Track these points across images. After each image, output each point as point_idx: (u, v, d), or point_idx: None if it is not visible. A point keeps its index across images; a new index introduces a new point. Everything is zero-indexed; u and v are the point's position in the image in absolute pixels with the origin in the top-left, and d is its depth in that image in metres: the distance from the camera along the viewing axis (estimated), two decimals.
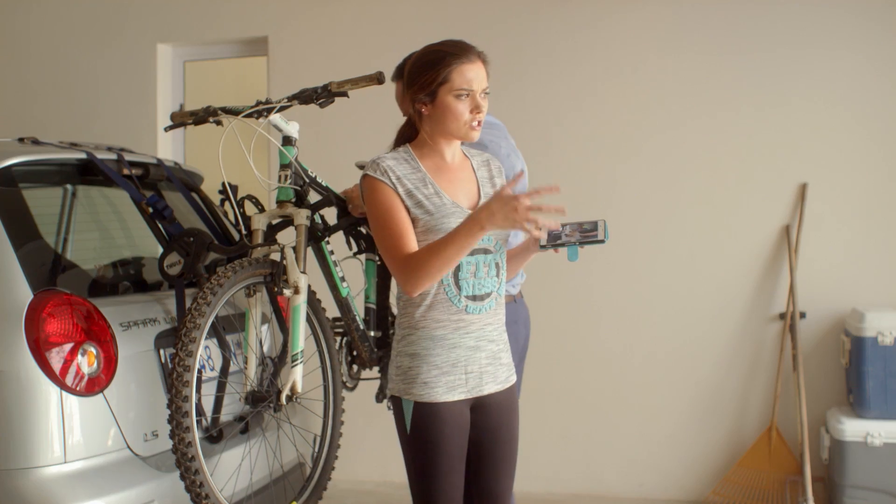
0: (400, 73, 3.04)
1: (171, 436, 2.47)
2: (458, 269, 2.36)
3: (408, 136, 2.50)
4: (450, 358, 2.39)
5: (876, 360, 4.19)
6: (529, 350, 3.20)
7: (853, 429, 4.19)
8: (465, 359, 2.40)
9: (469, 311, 2.39)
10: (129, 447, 2.71)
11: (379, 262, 3.42)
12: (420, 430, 2.39)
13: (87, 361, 2.62)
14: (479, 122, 2.39)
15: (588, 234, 2.32)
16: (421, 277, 2.29)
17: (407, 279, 2.32)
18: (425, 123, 2.43)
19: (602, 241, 2.30)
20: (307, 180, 3.04)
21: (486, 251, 2.40)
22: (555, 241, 2.35)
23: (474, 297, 2.39)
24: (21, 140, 3.10)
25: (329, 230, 3.15)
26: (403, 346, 2.43)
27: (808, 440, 4.38)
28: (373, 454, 5.05)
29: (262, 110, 2.91)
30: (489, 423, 2.46)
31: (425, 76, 2.38)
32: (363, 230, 3.35)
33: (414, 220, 2.38)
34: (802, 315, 4.59)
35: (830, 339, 4.60)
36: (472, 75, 2.36)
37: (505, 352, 2.50)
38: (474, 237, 2.24)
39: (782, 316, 4.63)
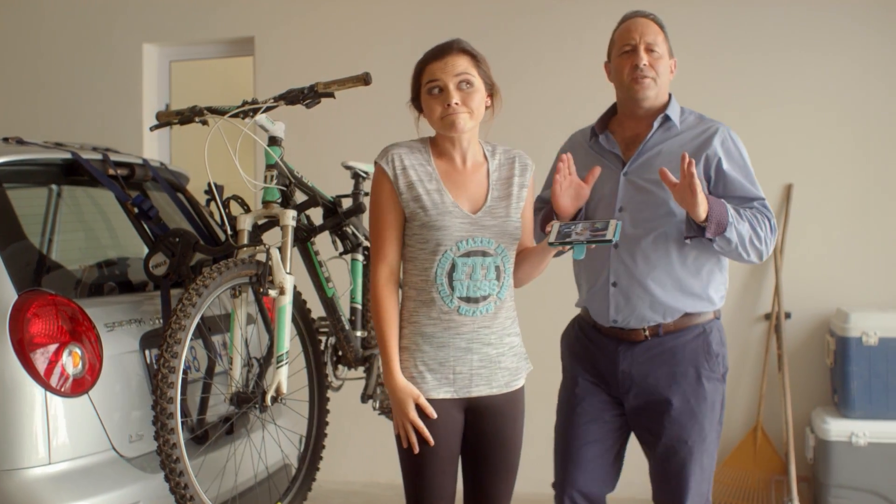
0: None
1: (156, 437, 2.46)
2: (452, 269, 2.36)
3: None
4: (438, 356, 2.39)
5: (860, 360, 4.20)
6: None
7: (838, 428, 4.20)
8: (455, 359, 2.39)
9: (461, 313, 2.38)
10: (114, 448, 2.70)
11: (365, 263, 3.42)
12: None
13: (72, 362, 2.61)
14: (454, 113, 2.37)
15: (598, 232, 2.31)
16: (373, 312, 2.45)
17: (371, 301, 2.46)
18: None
19: (609, 241, 2.29)
20: (293, 180, 3.03)
21: (484, 253, 2.38)
22: (564, 238, 2.34)
23: (468, 300, 2.37)
24: (5, 140, 3.09)
25: (315, 230, 3.15)
26: (400, 338, 2.44)
27: (794, 440, 4.39)
28: (359, 455, 5.04)
29: (248, 110, 2.90)
30: (484, 427, 2.45)
31: (412, 90, 2.46)
32: (349, 230, 3.35)
33: (411, 216, 2.38)
34: (788, 315, 4.61)
35: (815, 339, 4.61)
36: (438, 69, 2.38)
37: (509, 356, 2.46)
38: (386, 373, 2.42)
39: (768, 316, 4.65)
